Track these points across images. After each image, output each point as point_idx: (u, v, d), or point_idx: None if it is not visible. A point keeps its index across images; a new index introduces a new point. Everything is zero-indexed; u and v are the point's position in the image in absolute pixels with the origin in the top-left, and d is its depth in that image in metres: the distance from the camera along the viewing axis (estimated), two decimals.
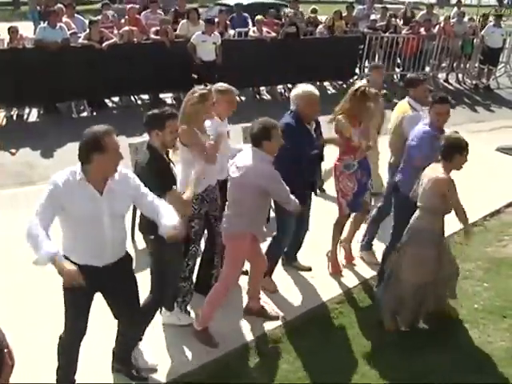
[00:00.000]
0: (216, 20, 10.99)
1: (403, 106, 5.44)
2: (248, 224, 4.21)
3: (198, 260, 4.76)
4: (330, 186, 5.36)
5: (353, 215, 5.47)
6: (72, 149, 9.27)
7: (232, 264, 4.31)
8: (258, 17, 11.94)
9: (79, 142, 3.25)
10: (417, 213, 4.43)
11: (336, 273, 5.41)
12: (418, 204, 4.40)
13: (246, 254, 4.33)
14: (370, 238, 5.72)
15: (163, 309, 4.54)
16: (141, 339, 4.12)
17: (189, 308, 4.63)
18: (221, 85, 4.86)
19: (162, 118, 3.77)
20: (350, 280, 5.36)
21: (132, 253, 5.27)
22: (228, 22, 12.02)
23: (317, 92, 4.85)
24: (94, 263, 3.37)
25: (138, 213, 4.04)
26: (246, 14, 13.14)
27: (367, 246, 5.72)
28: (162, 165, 3.81)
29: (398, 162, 5.15)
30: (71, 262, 3.26)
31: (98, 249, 3.36)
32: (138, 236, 5.72)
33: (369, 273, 5.35)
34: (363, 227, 5.70)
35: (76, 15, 11.12)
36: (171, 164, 3.95)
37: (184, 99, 4.51)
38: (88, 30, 9.92)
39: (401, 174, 4.94)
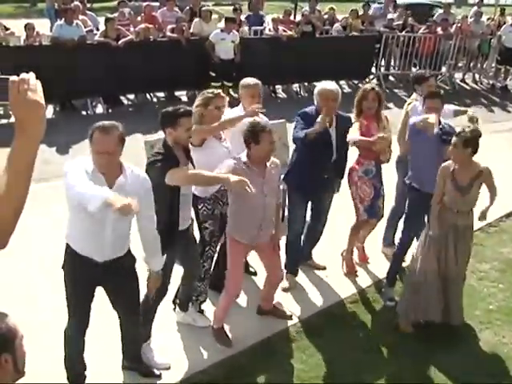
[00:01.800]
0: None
1: (411, 102, 5.50)
2: (231, 228, 4.23)
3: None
4: (345, 186, 5.31)
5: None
6: (88, 146, 9.32)
7: (229, 270, 4.30)
8: (274, 15, 11.92)
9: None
10: None
11: (351, 273, 5.40)
12: None
13: (237, 255, 4.24)
14: (390, 234, 5.72)
15: (177, 308, 4.55)
16: (149, 337, 4.11)
17: (203, 307, 4.64)
18: (244, 80, 4.88)
19: (176, 116, 3.74)
20: (364, 280, 5.34)
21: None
22: (243, 20, 11.99)
23: (332, 88, 4.82)
24: (95, 257, 3.38)
25: None
26: (262, 13, 13.11)
27: (389, 243, 5.72)
28: (166, 164, 3.67)
29: (405, 154, 5.18)
30: (73, 250, 3.36)
31: (98, 242, 3.35)
32: None
33: (383, 273, 5.30)
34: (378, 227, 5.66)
35: (88, 12, 11.15)
36: (187, 164, 3.87)
37: None
38: (104, 28, 9.96)
39: (410, 169, 4.94)
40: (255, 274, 5.16)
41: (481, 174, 4.29)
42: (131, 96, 11.04)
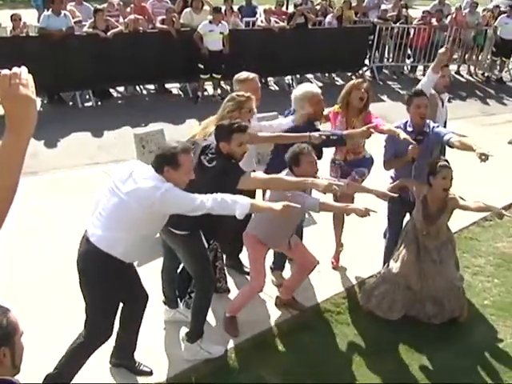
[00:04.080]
0: (223, 8, 10.83)
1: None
2: (258, 230, 4.24)
3: None
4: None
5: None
6: (76, 139, 9.30)
7: (251, 266, 4.36)
8: (266, 6, 11.79)
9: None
10: None
11: (335, 267, 5.37)
12: None
13: (259, 253, 4.29)
14: None
15: (166, 307, 4.48)
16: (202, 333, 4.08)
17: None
18: (241, 74, 4.75)
19: (230, 131, 3.74)
20: (356, 275, 5.27)
21: None
22: (235, 10, 11.85)
23: (319, 90, 4.80)
24: (136, 259, 3.62)
25: None
26: (255, 4, 12.96)
27: None
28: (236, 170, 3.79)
29: None
30: (119, 260, 3.34)
31: (147, 247, 3.58)
32: None
33: (376, 268, 5.23)
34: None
35: (84, 3, 10.96)
36: None
37: (222, 105, 4.43)
38: (93, 19, 9.77)
39: (393, 175, 4.88)
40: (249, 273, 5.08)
41: (446, 204, 4.35)
42: (121, 88, 10.88)
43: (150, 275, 4.54)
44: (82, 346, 3.51)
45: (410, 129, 4.58)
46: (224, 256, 4.97)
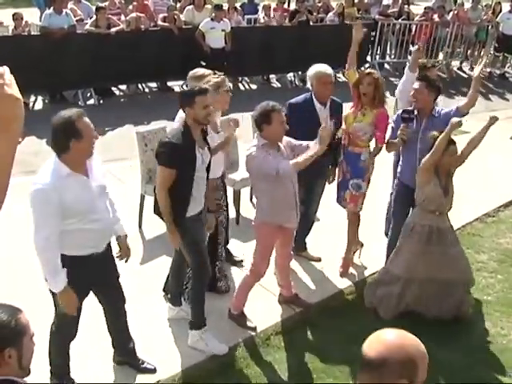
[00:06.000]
0: (226, 6, 10.85)
1: None
2: (265, 213, 4.14)
3: None
4: None
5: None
6: None
7: (259, 252, 4.27)
8: (266, 3, 11.79)
9: (52, 132, 3.14)
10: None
11: (344, 273, 5.25)
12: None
13: (269, 238, 4.24)
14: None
15: (169, 304, 4.47)
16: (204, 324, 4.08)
17: None
18: (196, 70, 4.70)
19: (192, 95, 3.76)
20: (361, 271, 5.26)
21: (139, 242, 5.28)
22: (238, 8, 11.85)
23: (330, 71, 4.84)
24: (95, 250, 3.33)
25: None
26: (256, 1, 12.95)
27: None
28: (182, 143, 3.72)
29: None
30: (70, 256, 3.22)
31: (99, 233, 3.32)
32: (145, 225, 5.65)
33: (380, 264, 5.23)
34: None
35: (83, 1, 10.97)
36: (201, 148, 3.86)
37: None
38: (95, 17, 9.78)
39: (400, 162, 4.87)
40: (241, 262, 5.16)
41: (448, 166, 4.38)
42: (123, 87, 10.88)
43: (154, 273, 4.56)
44: (52, 336, 3.52)
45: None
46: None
